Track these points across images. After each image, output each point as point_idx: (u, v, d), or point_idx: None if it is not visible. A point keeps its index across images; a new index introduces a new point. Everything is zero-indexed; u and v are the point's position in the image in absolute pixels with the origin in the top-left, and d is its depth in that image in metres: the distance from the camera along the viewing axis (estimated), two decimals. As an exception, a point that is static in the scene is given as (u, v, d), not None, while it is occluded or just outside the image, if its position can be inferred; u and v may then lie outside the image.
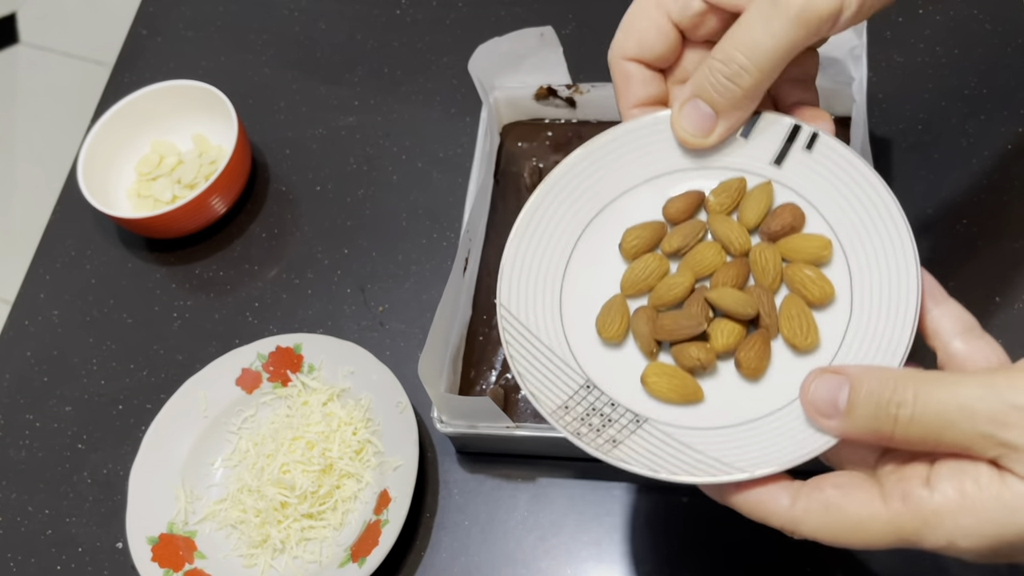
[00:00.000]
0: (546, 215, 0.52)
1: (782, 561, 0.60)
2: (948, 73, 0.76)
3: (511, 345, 0.49)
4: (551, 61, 0.74)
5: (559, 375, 0.49)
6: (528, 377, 0.48)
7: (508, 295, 0.50)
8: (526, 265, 0.51)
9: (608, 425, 0.47)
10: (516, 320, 0.50)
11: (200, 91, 0.81)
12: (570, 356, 0.50)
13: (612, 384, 0.49)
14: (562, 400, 0.48)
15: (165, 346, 0.76)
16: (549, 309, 0.51)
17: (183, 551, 0.65)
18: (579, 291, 0.51)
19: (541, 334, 0.50)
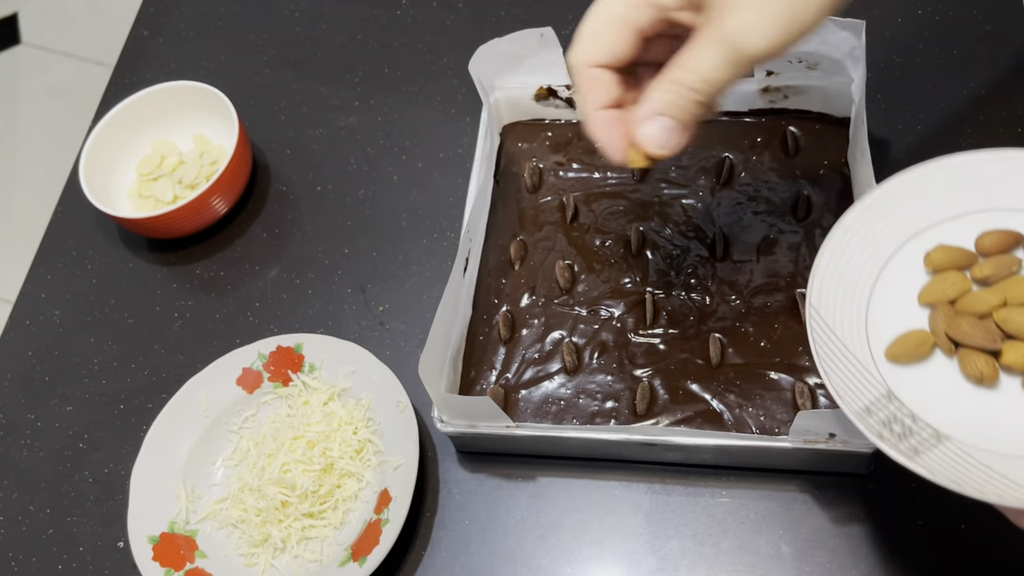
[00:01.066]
0: (862, 229, 0.55)
1: (783, 561, 0.60)
2: (948, 73, 0.77)
3: (817, 343, 0.51)
4: (551, 62, 0.74)
5: (862, 380, 0.50)
6: (833, 376, 0.50)
7: (819, 298, 0.53)
8: (837, 273, 0.54)
9: (908, 435, 0.48)
10: (824, 322, 0.52)
11: (201, 91, 0.81)
12: (872, 365, 0.51)
13: (913, 398, 0.50)
14: (864, 404, 0.49)
15: (166, 346, 0.76)
16: (856, 318, 0.53)
17: (184, 550, 0.65)
18: (886, 306, 0.53)
19: (846, 339, 0.52)
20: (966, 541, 0.59)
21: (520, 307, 0.69)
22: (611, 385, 0.65)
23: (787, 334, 0.65)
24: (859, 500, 0.61)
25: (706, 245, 0.69)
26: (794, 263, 0.67)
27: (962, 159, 0.55)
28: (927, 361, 0.52)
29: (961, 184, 0.55)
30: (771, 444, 0.59)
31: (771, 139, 0.73)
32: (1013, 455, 0.48)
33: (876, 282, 0.54)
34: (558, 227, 0.72)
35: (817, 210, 0.69)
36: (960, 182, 0.55)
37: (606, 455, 0.64)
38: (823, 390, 0.62)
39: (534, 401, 0.65)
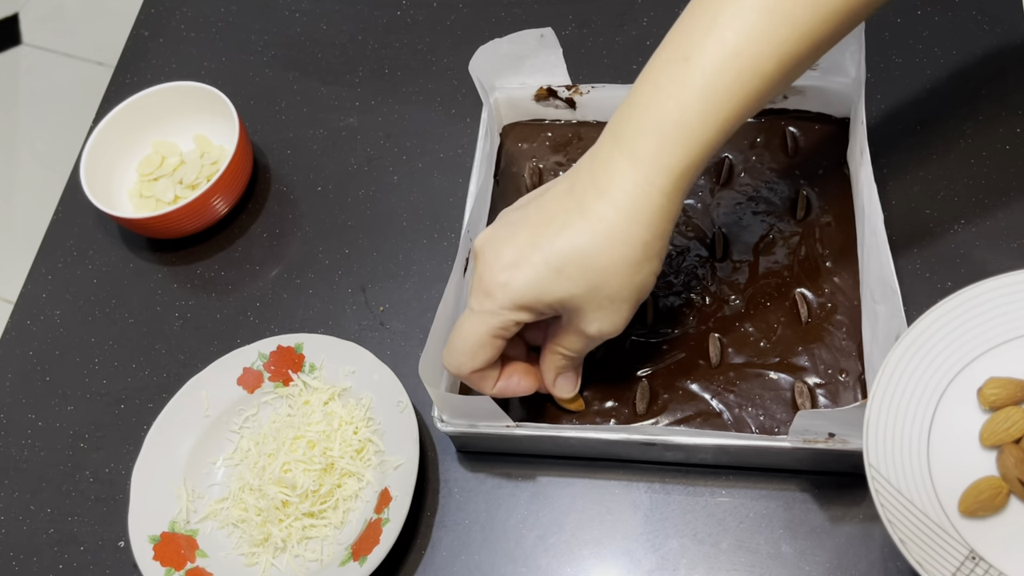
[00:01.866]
0: (907, 370, 0.52)
1: (782, 561, 0.60)
2: (947, 73, 0.77)
3: (886, 508, 0.47)
4: (551, 62, 0.74)
5: (940, 543, 0.47)
6: (911, 546, 0.46)
7: (876, 455, 0.48)
8: (890, 423, 0.50)
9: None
10: (887, 482, 0.48)
11: (202, 92, 0.82)
12: (947, 523, 0.48)
13: (999, 556, 0.47)
14: (950, 571, 0.46)
15: (167, 346, 0.76)
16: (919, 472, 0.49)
17: (185, 550, 0.65)
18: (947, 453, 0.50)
19: (914, 498, 0.48)
20: (965, 540, 0.59)
21: (520, 307, 0.69)
22: (611, 385, 0.65)
23: (787, 334, 0.65)
24: (859, 500, 0.61)
25: (706, 245, 0.69)
26: (794, 263, 0.67)
27: (1000, 283, 0.53)
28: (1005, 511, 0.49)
29: (1002, 309, 0.53)
30: (771, 444, 0.59)
31: (771, 139, 0.73)
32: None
33: (931, 427, 0.51)
34: (558, 227, 0.72)
35: (817, 210, 0.69)
36: (1000, 307, 0.53)
37: (606, 455, 0.64)
38: (823, 390, 0.62)
39: (534, 401, 0.65)
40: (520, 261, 0.55)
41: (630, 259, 0.54)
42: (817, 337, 0.64)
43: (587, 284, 0.54)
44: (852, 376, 0.62)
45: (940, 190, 0.71)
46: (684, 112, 0.52)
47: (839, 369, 0.63)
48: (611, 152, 0.55)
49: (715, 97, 0.52)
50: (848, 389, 0.62)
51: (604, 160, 0.55)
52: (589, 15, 0.86)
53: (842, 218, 0.68)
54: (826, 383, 0.62)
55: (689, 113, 0.52)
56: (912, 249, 0.69)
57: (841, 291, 0.65)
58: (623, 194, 0.53)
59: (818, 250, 0.67)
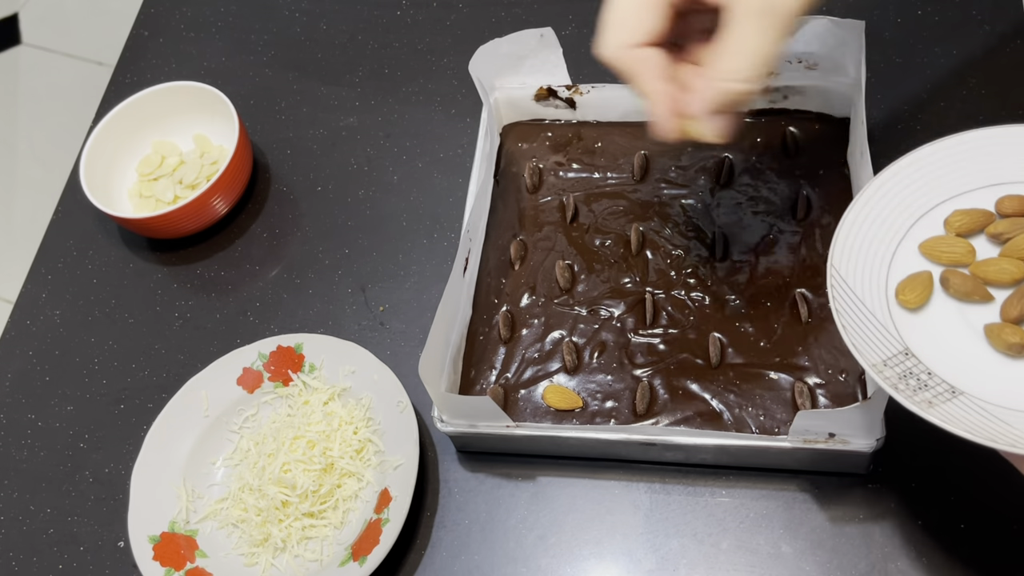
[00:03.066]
0: (887, 195, 0.56)
1: (782, 561, 0.60)
2: (947, 74, 0.77)
3: (837, 300, 0.53)
4: (551, 62, 0.74)
5: (879, 337, 0.52)
6: (851, 331, 0.52)
7: (840, 258, 0.55)
8: (860, 236, 0.56)
9: (923, 389, 0.50)
10: (844, 281, 0.54)
11: (201, 92, 0.82)
12: (891, 323, 0.53)
13: (929, 356, 0.52)
14: (881, 358, 0.51)
15: (166, 346, 0.76)
16: (876, 280, 0.55)
17: (184, 550, 0.65)
18: (906, 270, 0.55)
19: (865, 298, 0.54)
20: (966, 541, 0.59)
21: (520, 307, 0.69)
22: (611, 385, 0.65)
23: (787, 334, 0.65)
24: (859, 500, 0.61)
25: (706, 245, 0.69)
26: (794, 263, 0.67)
27: (988, 133, 0.57)
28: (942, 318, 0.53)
29: (988, 156, 0.57)
30: (771, 444, 0.59)
31: (771, 139, 0.73)
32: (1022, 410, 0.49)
33: (898, 247, 0.56)
34: (558, 227, 0.72)
35: (816, 210, 0.69)
36: (987, 155, 0.57)
37: (606, 455, 0.64)
38: (823, 390, 0.62)
39: (534, 401, 0.65)
40: None
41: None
42: (817, 337, 0.64)
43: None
44: (852, 376, 0.62)
45: (940, 190, 0.71)
46: None
47: (839, 369, 0.63)
48: None
49: None
50: (848, 389, 0.62)
51: None
52: (589, 15, 0.86)
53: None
54: (826, 383, 0.62)
55: None
56: (912, 249, 0.69)
57: (841, 291, 0.65)
58: None
59: (818, 250, 0.67)
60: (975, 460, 0.61)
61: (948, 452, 0.61)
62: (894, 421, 0.58)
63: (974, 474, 0.60)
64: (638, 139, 0.75)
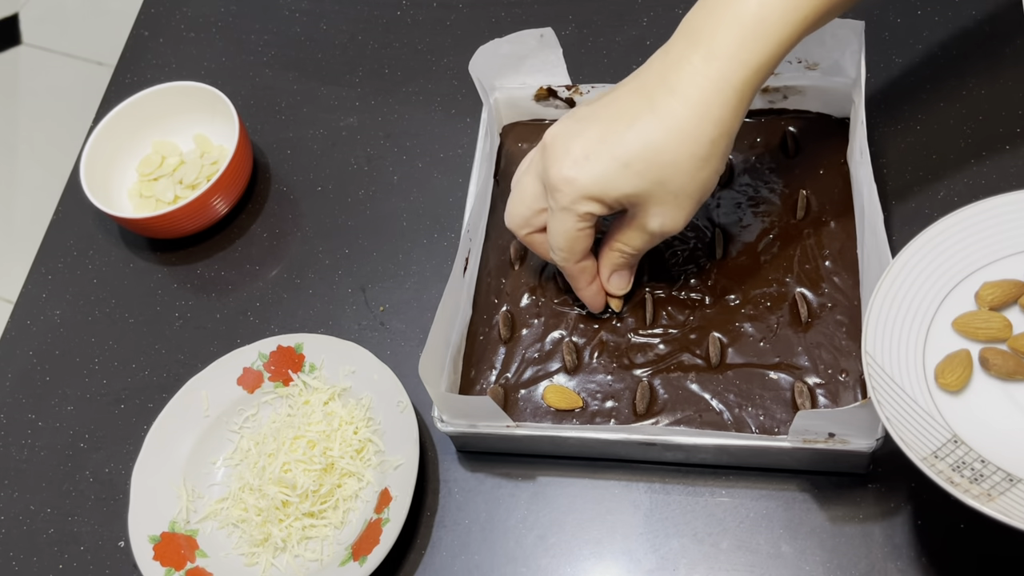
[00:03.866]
0: (913, 272, 0.55)
1: (782, 560, 0.60)
2: (946, 74, 0.77)
3: (877, 390, 0.50)
4: (551, 62, 0.74)
5: (925, 426, 0.50)
6: (896, 423, 0.49)
7: (874, 344, 0.52)
8: (891, 318, 0.54)
9: (980, 480, 0.48)
10: (881, 368, 0.52)
11: (201, 92, 0.82)
12: (935, 409, 0.51)
13: (980, 443, 0.50)
14: (931, 449, 0.49)
15: (167, 345, 0.76)
16: (913, 363, 0.53)
17: (185, 550, 0.65)
18: (942, 349, 0.53)
19: (905, 385, 0.51)
20: (966, 541, 0.59)
21: (520, 307, 0.69)
22: (611, 385, 0.65)
23: (786, 334, 0.65)
24: (859, 500, 0.61)
25: (706, 245, 0.69)
26: (794, 263, 0.67)
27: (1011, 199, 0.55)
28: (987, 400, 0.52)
29: (1012, 223, 0.55)
30: (771, 444, 0.59)
31: (771, 139, 0.73)
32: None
33: (931, 325, 0.54)
34: (558, 227, 0.72)
35: (816, 210, 0.69)
36: (1010, 221, 0.55)
37: (606, 455, 0.64)
38: (823, 390, 0.62)
39: (534, 401, 0.65)
40: (589, 155, 0.57)
41: (697, 155, 0.56)
42: (817, 337, 0.64)
43: (653, 179, 0.56)
44: (852, 376, 0.62)
45: (940, 190, 0.71)
46: (764, 8, 0.54)
47: (839, 369, 0.63)
48: (684, 49, 0.55)
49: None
50: (848, 389, 0.62)
51: (676, 57, 0.56)
52: (589, 15, 0.86)
53: (842, 218, 0.68)
54: (826, 383, 0.62)
55: (769, 9, 0.54)
56: (912, 249, 0.69)
57: (841, 291, 0.65)
58: (695, 90, 0.55)
59: (818, 250, 0.67)
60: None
61: (948, 452, 0.61)
62: (894, 421, 0.58)
63: (974, 474, 0.60)
64: (638, 139, 0.75)
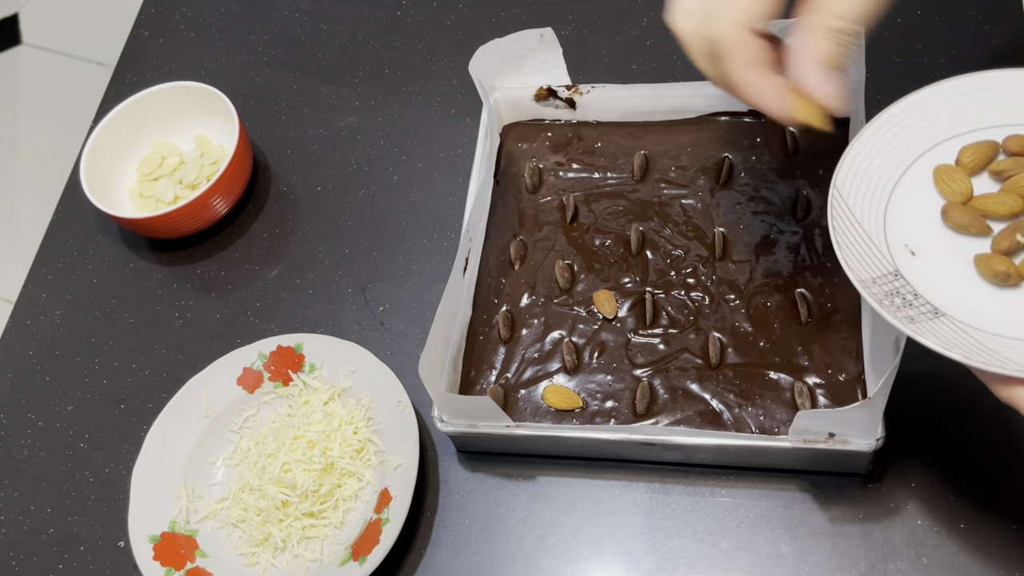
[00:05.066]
0: (895, 129, 0.58)
1: (782, 560, 0.60)
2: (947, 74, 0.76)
3: (835, 219, 0.55)
4: (551, 62, 0.74)
5: (871, 257, 0.54)
6: (844, 247, 0.54)
7: (844, 181, 0.56)
8: (867, 161, 0.57)
9: (907, 307, 0.52)
10: (844, 202, 0.56)
11: (202, 92, 0.82)
12: (885, 247, 0.55)
13: (917, 280, 0.54)
14: (870, 276, 0.53)
15: (167, 345, 0.76)
16: (876, 205, 0.56)
17: (185, 550, 0.65)
18: (906, 200, 0.57)
19: (863, 220, 0.56)
20: (966, 541, 0.59)
21: (520, 307, 0.69)
22: (611, 385, 0.65)
23: (786, 334, 0.65)
24: (859, 500, 0.61)
25: (706, 245, 0.69)
26: (793, 263, 0.67)
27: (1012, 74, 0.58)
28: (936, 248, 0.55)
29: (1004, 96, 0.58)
30: (771, 444, 0.59)
31: (771, 139, 0.73)
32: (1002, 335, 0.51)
33: (902, 176, 0.57)
34: (558, 227, 0.72)
35: (816, 210, 0.69)
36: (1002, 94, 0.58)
37: (606, 455, 0.64)
38: (822, 390, 0.62)
39: (534, 401, 0.65)
40: None
41: None
42: (817, 337, 0.64)
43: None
44: (852, 376, 0.62)
45: (940, 190, 0.71)
46: None
47: (839, 369, 0.63)
48: None
49: None
50: (848, 389, 0.62)
51: None
52: (589, 15, 0.86)
53: (842, 218, 0.68)
54: (826, 383, 0.62)
55: None
56: (912, 249, 0.69)
57: (841, 291, 0.65)
58: None
59: (818, 250, 0.67)
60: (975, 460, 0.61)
61: (948, 452, 0.61)
62: (894, 421, 0.58)
63: (974, 474, 0.60)
64: (638, 139, 0.75)
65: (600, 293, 0.68)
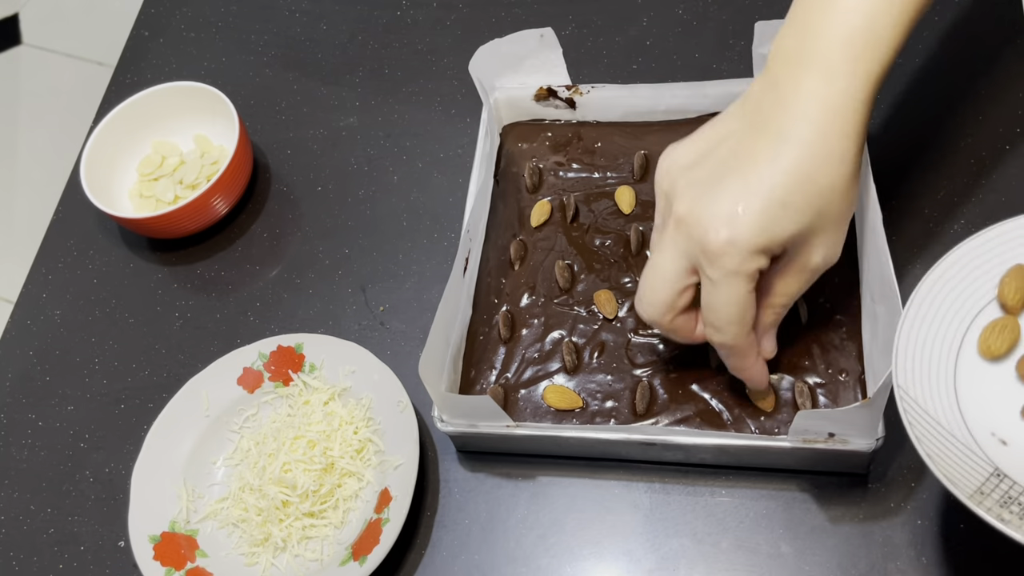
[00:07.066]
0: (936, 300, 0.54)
1: (782, 560, 0.60)
2: (947, 74, 0.77)
3: (915, 427, 0.49)
4: (551, 62, 0.74)
5: (965, 460, 0.49)
6: (939, 460, 0.47)
7: (905, 377, 0.51)
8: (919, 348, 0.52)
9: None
10: (915, 403, 0.50)
11: (202, 92, 0.82)
12: (973, 443, 0.50)
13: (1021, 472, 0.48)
14: (976, 485, 0.47)
15: (167, 345, 0.76)
16: (945, 393, 0.51)
17: (185, 550, 0.65)
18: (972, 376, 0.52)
19: (941, 418, 0.50)
20: (966, 541, 0.59)
21: (520, 307, 0.69)
22: (611, 385, 0.65)
23: (786, 334, 0.65)
24: (859, 500, 0.61)
25: (706, 245, 0.69)
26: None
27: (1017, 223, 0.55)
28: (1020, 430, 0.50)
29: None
30: (771, 444, 0.59)
31: (771, 139, 0.73)
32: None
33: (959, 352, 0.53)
34: (558, 227, 0.72)
35: (817, 210, 0.69)
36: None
37: (606, 454, 0.64)
38: (823, 389, 0.62)
39: (534, 401, 0.65)
40: (742, 208, 0.53)
41: (846, 175, 0.53)
42: (817, 337, 0.64)
43: (814, 210, 0.53)
44: (852, 376, 0.62)
45: (940, 190, 0.71)
46: (873, 21, 0.53)
47: (839, 369, 0.63)
48: (793, 75, 0.53)
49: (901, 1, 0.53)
50: (848, 389, 0.62)
51: (788, 86, 0.53)
52: (589, 15, 0.86)
53: (842, 218, 0.68)
54: (826, 383, 0.62)
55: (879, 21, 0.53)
56: (912, 249, 0.69)
57: (841, 291, 0.65)
58: (822, 112, 0.53)
59: (818, 250, 0.67)
60: (975, 460, 0.61)
61: (948, 452, 0.61)
62: (894, 421, 0.58)
63: (974, 474, 0.60)
64: (638, 139, 0.75)
65: (600, 293, 0.68)
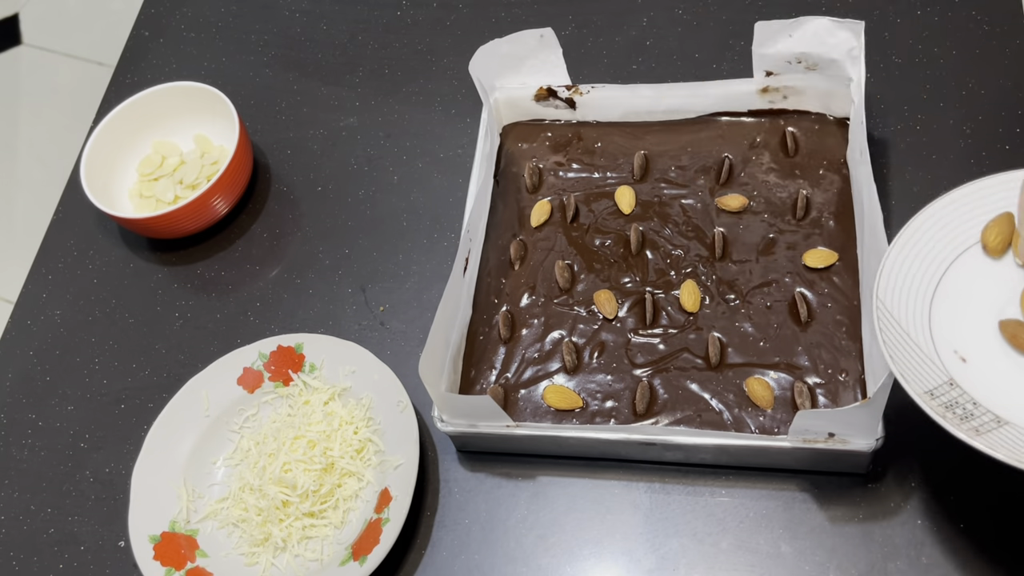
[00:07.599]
0: (927, 235, 0.58)
1: (782, 560, 0.60)
2: (946, 74, 0.77)
3: (884, 331, 0.54)
4: (551, 62, 0.74)
5: (924, 367, 0.54)
6: (898, 360, 0.53)
7: (886, 293, 0.56)
8: (903, 272, 0.57)
9: (969, 419, 0.51)
10: (890, 314, 0.55)
11: (202, 92, 0.82)
12: (935, 355, 0.55)
13: (974, 387, 0.53)
14: (927, 388, 0.52)
15: (167, 345, 0.76)
16: (920, 312, 0.56)
17: (185, 549, 0.65)
18: (948, 303, 0.57)
19: (910, 329, 0.55)
20: (966, 541, 0.59)
21: (520, 307, 0.69)
22: (611, 385, 0.65)
23: (786, 334, 0.65)
24: (858, 500, 0.61)
25: (706, 245, 0.69)
26: (793, 263, 0.67)
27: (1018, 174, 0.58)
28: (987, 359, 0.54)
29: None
30: (771, 444, 0.59)
31: (771, 139, 0.73)
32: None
33: (939, 283, 0.57)
34: (558, 227, 0.72)
35: (816, 210, 0.69)
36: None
37: (606, 454, 0.64)
38: (823, 389, 0.62)
39: (534, 401, 0.65)
40: None
41: None
42: (817, 337, 0.64)
43: None
44: (852, 376, 0.62)
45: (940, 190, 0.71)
46: None
47: (839, 369, 0.63)
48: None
49: None
50: (848, 389, 0.62)
51: None
52: (589, 15, 0.86)
53: (842, 218, 0.68)
54: (826, 383, 0.62)
55: None
56: (912, 249, 0.69)
57: (841, 291, 0.65)
58: None
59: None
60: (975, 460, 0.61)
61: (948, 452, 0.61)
62: (894, 421, 0.58)
63: (974, 474, 0.60)
64: (638, 139, 0.75)
65: (600, 293, 0.68)
